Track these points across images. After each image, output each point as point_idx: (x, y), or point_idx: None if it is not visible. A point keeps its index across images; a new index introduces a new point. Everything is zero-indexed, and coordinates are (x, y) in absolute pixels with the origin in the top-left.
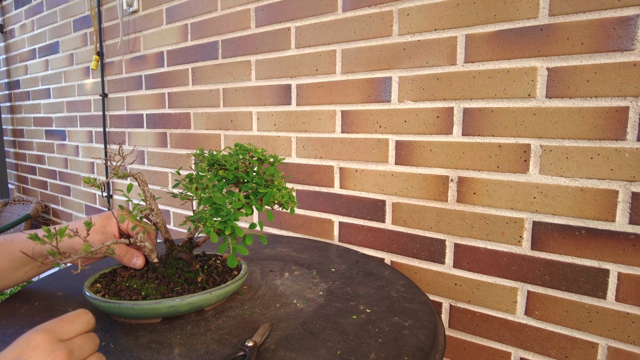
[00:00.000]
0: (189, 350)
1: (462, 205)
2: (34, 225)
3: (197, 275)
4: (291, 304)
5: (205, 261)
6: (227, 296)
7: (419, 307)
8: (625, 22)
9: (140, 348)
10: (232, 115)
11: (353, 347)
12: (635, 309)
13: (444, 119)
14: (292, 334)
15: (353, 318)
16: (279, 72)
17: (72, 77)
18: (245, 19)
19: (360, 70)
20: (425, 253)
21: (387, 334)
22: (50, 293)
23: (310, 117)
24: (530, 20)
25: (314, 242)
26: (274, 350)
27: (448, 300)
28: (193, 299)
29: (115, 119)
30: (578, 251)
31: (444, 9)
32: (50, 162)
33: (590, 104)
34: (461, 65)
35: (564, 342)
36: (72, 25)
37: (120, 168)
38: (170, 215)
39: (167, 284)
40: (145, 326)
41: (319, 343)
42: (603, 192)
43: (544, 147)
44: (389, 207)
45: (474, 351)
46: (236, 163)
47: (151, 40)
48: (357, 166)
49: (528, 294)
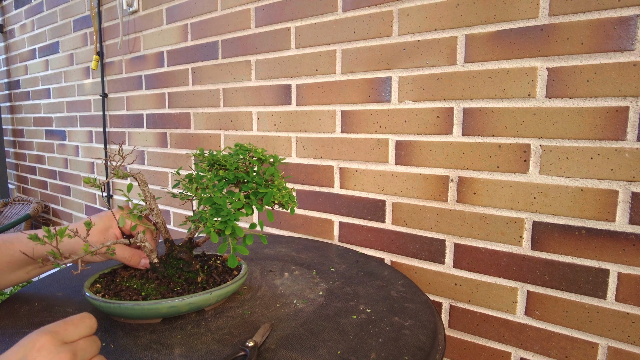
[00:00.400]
0: (190, 350)
1: (462, 205)
2: (34, 225)
3: (197, 275)
4: (291, 304)
5: (205, 261)
6: (227, 296)
7: (419, 307)
8: (625, 22)
9: (140, 348)
10: (232, 115)
11: (353, 346)
12: (635, 309)
13: (444, 119)
14: (292, 334)
15: (353, 318)
16: (279, 72)
17: (72, 77)
18: (245, 19)
19: (360, 70)
20: (425, 253)
21: (387, 333)
22: (50, 293)
23: (310, 117)
24: (530, 20)
25: (314, 242)
26: (274, 350)
27: (448, 300)
28: (193, 299)
29: (115, 119)
30: (578, 251)
31: (444, 9)
32: (50, 162)
33: (590, 104)
34: (461, 65)
35: (564, 342)
36: (72, 25)
37: (120, 168)
38: (170, 215)
39: (167, 284)
40: (145, 326)
41: (320, 343)
42: (603, 192)
43: (544, 147)
44: (389, 207)
45: (474, 351)
46: (236, 163)
47: (151, 40)
48: (357, 166)
49: (528, 294)
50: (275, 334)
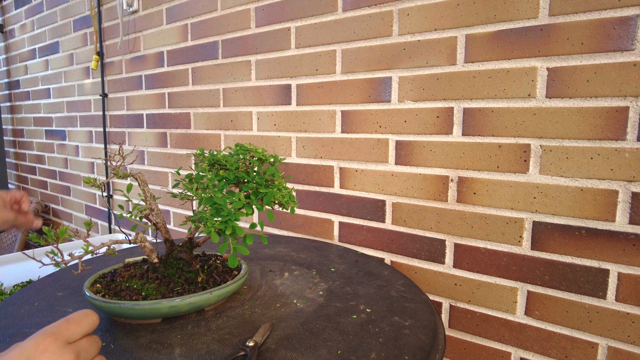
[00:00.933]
0: (190, 350)
1: (462, 205)
2: None
3: (198, 275)
4: (291, 303)
5: (205, 261)
6: (228, 296)
7: (419, 306)
8: (625, 22)
9: (140, 348)
10: (232, 115)
11: (354, 346)
12: (635, 309)
13: (444, 119)
14: (292, 334)
15: (353, 318)
16: (279, 72)
17: (72, 77)
18: (246, 19)
19: (360, 70)
20: (425, 253)
21: (387, 333)
22: (49, 293)
23: (310, 117)
24: (530, 20)
25: (314, 242)
26: (274, 350)
27: (448, 300)
28: (193, 299)
29: (115, 118)
30: (578, 251)
31: (444, 9)
32: (50, 162)
33: (590, 104)
34: (461, 65)
35: (564, 342)
36: (72, 25)
37: (120, 168)
38: (170, 215)
39: (168, 284)
40: (145, 326)
41: (320, 342)
42: (603, 192)
43: (544, 147)
44: (389, 207)
45: (474, 351)
46: (237, 163)
47: (151, 40)
48: (357, 166)
49: (528, 294)
50: (275, 333)
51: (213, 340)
